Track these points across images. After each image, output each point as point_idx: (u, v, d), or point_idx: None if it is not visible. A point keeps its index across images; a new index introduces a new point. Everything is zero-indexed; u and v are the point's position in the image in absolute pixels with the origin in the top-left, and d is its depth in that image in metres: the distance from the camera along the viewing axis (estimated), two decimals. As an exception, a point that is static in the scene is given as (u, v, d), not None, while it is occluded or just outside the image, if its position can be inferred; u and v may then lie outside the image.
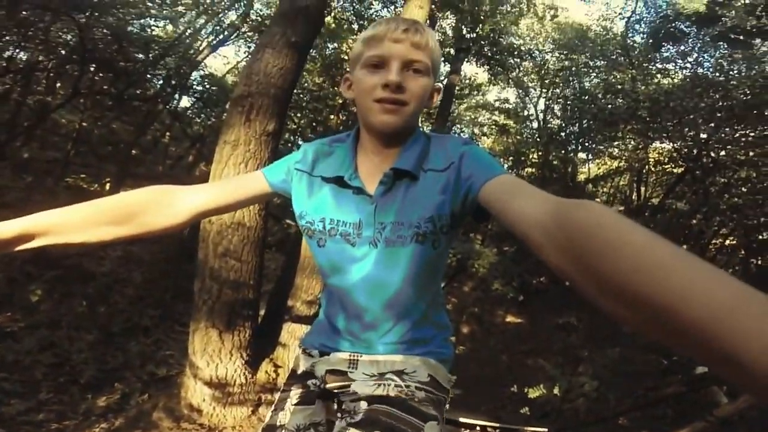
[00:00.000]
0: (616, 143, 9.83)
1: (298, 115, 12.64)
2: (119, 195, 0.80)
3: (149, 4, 5.16)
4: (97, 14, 4.15)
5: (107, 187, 8.37)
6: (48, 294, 4.97)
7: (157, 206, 0.81)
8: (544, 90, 12.69)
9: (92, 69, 4.99)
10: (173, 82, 6.88)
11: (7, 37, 4.11)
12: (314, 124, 13.87)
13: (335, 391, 0.90)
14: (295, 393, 0.92)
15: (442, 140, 0.85)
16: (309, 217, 0.84)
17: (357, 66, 0.82)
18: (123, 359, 4.38)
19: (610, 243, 0.40)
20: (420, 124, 0.90)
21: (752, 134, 5.52)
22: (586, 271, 0.42)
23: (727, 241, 7.45)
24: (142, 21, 5.33)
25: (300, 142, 15.60)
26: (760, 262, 6.50)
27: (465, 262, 9.44)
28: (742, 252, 6.76)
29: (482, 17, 7.67)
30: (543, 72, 11.49)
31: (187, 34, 8.87)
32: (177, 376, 3.93)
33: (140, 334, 5.19)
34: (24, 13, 3.71)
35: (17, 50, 4.70)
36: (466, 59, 9.25)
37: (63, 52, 4.66)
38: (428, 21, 5.30)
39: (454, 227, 0.81)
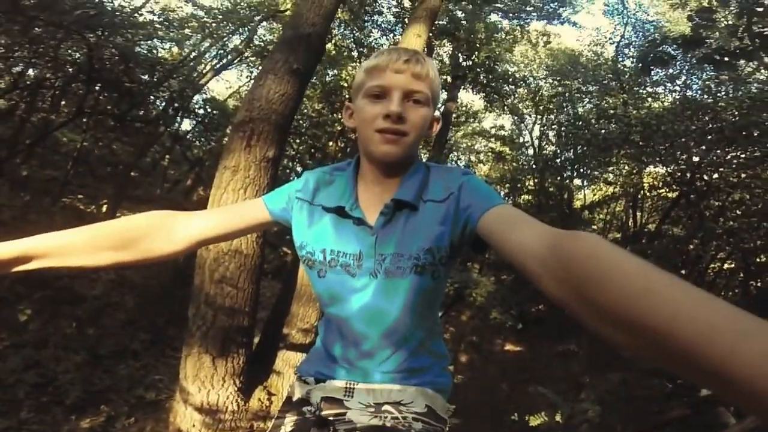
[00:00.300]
0: (610, 168, 9.97)
1: (297, 141, 12.79)
2: (120, 220, 0.81)
3: (158, 26, 5.31)
4: (107, 34, 4.25)
5: (104, 209, 8.35)
6: (37, 314, 4.87)
7: (158, 232, 0.81)
8: (538, 116, 12.97)
9: (97, 89, 5.06)
10: (176, 104, 7.01)
11: (18, 53, 4.19)
12: (313, 150, 14.03)
13: (331, 418, 0.89)
14: (290, 420, 0.92)
15: (441, 171, 0.86)
16: (309, 247, 0.84)
17: (359, 95, 0.83)
18: (110, 382, 4.26)
19: (604, 272, 0.43)
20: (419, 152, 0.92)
21: (743, 156, 5.62)
22: (583, 299, 0.45)
23: (726, 265, 7.44)
24: (149, 42, 5.46)
25: (298, 169, 15.76)
26: (759, 284, 6.48)
27: (462, 291, 9.42)
28: (741, 275, 6.74)
29: (478, 45, 7.95)
30: (537, 98, 11.78)
31: (191, 57, 9.08)
32: (166, 400, 3.82)
33: (129, 358, 5.07)
34: (37, 29, 3.80)
35: (27, 66, 4.79)
36: (462, 86, 9.51)
37: (70, 70, 4.74)
38: (426, 49, 5.46)
39: (452, 257, 0.82)
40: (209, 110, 8.72)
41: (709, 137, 5.60)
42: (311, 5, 3.37)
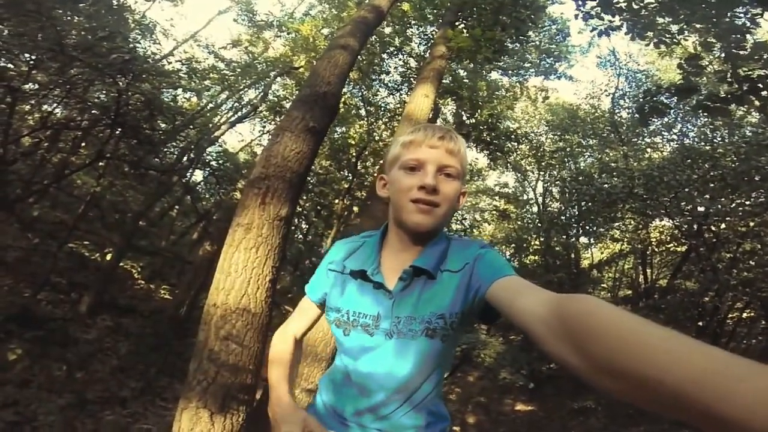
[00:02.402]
0: (616, 224, 9.93)
1: (303, 198, 12.95)
2: (285, 352, 1.03)
3: (182, 75, 5.68)
4: (136, 79, 4.52)
5: (108, 257, 8.32)
6: (26, 354, 4.68)
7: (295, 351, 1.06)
8: (541, 172, 13.19)
9: (117, 133, 5.27)
10: (192, 155, 7.25)
11: (52, 92, 4.44)
12: (319, 207, 14.22)
13: None
14: None
15: (460, 243, 0.93)
16: (339, 311, 0.94)
17: (394, 167, 0.91)
18: (94, 427, 4.01)
19: (602, 327, 0.47)
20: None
21: (748, 203, 5.60)
22: (582, 354, 0.49)
23: (744, 314, 7.11)
24: (172, 91, 5.79)
25: (303, 226, 15.88)
26: None
27: (469, 353, 9.15)
28: (763, 323, 6.41)
29: (480, 103, 8.38)
30: (539, 154, 12.07)
31: (208, 107, 9.57)
32: (151, 450, 3.55)
33: (117, 405, 4.81)
34: (73, 71, 4.07)
35: (56, 105, 5.05)
36: (466, 145, 9.80)
37: (95, 112, 4.98)
38: (432, 108, 5.71)
39: (463, 324, 0.88)
40: (221, 162, 9.01)
41: (712, 185, 5.65)
42: (327, 64, 3.60)
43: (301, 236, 16.06)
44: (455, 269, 0.86)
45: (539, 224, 12.49)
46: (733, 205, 5.71)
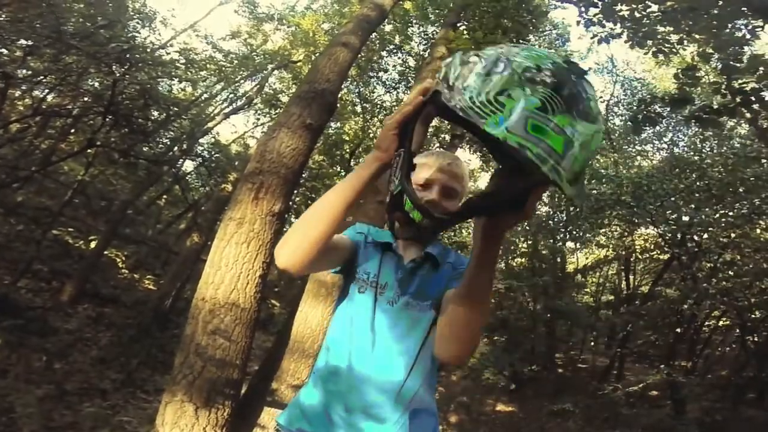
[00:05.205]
0: (602, 231, 10.08)
1: (294, 192, 12.77)
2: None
3: (179, 65, 5.55)
4: (133, 69, 4.39)
5: (92, 245, 8.12)
6: (5, 343, 4.56)
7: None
8: (532, 176, 13.14)
9: (108, 120, 5.11)
10: (185, 145, 7.09)
11: (45, 79, 4.30)
12: (309, 201, 14.10)
13: None
14: None
15: (454, 251, 1.16)
16: (361, 270, 1.08)
17: None
18: (72, 419, 3.93)
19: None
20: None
21: (731, 214, 5.73)
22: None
23: (721, 322, 7.32)
24: (167, 81, 5.66)
25: (293, 219, 15.72)
26: (756, 339, 6.45)
27: None
28: (738, 331, 6.62)
29: (476, 104, 8.29)
30: (532, 157, 12.00)
31: (203, 98, 9.37)
32: (132, 443, 3.50)
33: (97, 396, 4.73)
34: (68, 58, 3.94)
35: (48, 92, 4.88)
36: (460, 146, 9.84)
37: (87, 100, 4.83)
38: None
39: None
40: (212, 153, 8.85)
41: (698, 195, 5.78)
42: (327, 61, 3.57)
43: (288, 228, 15.88)
44: (458, 267, 1.06)
45: (527, 227, 12.58)
46: (717, 215, 5.84)
